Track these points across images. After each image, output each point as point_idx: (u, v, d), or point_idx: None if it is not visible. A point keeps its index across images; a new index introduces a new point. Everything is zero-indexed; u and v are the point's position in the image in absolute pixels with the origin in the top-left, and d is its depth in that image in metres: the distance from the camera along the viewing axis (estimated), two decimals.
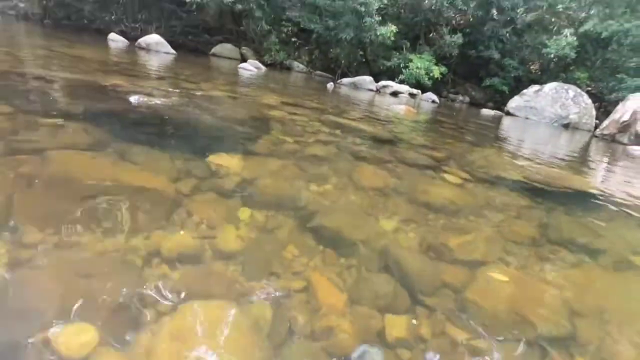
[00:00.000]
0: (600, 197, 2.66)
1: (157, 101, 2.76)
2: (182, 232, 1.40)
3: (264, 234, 1.49)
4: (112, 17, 13.55)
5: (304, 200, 1.75)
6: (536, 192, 2.48)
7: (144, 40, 9.09)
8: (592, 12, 15.93)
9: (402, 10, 15.75)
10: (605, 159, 5.96)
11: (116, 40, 9.61)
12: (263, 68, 10.46)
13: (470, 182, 2.43)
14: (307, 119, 3.44)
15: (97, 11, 13.55)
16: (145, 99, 2.72)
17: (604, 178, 3.72)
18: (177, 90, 3.55)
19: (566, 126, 12.56)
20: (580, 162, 4.72)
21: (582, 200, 2.55)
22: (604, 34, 14.25)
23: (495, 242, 1.71)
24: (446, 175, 2.44)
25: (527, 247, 1.71)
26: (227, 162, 1.93)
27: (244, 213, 1.59)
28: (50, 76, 2.95)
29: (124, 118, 2.25)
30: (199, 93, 3.61)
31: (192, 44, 13.82)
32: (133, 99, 2.67)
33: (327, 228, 1.58)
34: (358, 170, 2.26)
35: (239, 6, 12.51)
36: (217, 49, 13.48)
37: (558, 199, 2.43)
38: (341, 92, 8.55)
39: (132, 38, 10.52)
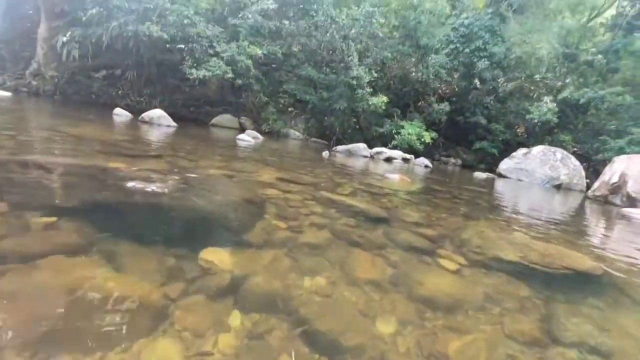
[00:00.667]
0: (603, 278, 2.59)
1: (153, 187, 2.80)
2: (166, 344, 1.33)
3: (255, 341, 1.42)
4: (119, 92, 14.42)
5: (296, 300, 1.69)
6: (536, 276, 2.42)
7: (147, 114, 9.55)
8: (567, 80, 17.19)
9: (392, 82, 16.90)
10: (602, 225, 5.96)
11: (120, 115, 10.08)
12: (260, 137, 10.87)
13: (467, 267, 2.39)
14: (302, 198, 3.47)
15: (105, 87, 14.44)
16: (142, 186, 2.76)
17: (604, 250, 3.67)
18: (174, 172, 3.63)
19: (558, 187, 12.78)
20: (577, 231, 4.71)
21: (584, 283, 2.49)
22: (582, 100, 15.20)
23: (497, 343, 1.62)
24: (442, 261, 2.41)
25: (531, 347, 1.62)
26: (218, 257, 1.90)
27: (234, 318, 1.53)
28: (50, 163, 3.02)
29: (117, 211, 2.26)
30: (195, 174, 3.69)
31: (193, 115, 14.53)
32: (129, 185, 2.71)
33: (320, 332, 1.52)
34: (352, 259, 2.22)
35: (239, 81, 13.40)
36: (217, 119, 14.15)
37: (559, 284, 2.37)
38: (336, 160, 8.80)
39: (136, 111, 11.05)
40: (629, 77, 16.60)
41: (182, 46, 13.01)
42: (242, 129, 13.51)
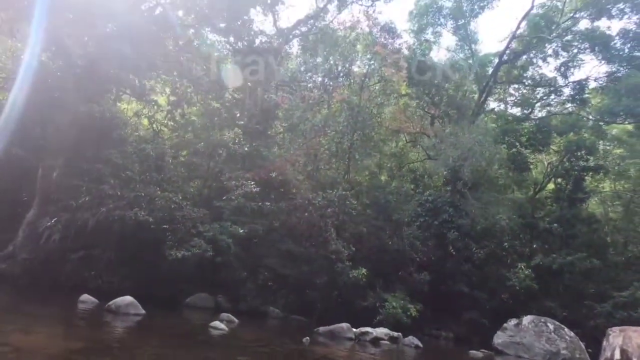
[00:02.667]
0: None
1: None
2: None
3: None
4: (92, 272, 13.92)
5: None
6: None
7: (114, 302, 8.99)
8: (534, 246, 18.20)
9: (370, 252, 17.34)
10: None
11: (86, 302, 9.52)
12: (236, 321, 10.11)
13: None
14: None
15: (78, 268, 13.98)
16: None
17: None
18: None
19: None
20: None
21: None
22: (554, 266, 15.71)
23: None
24: None
25: None
26: None
27: None
28: None
29: None
30: None
31: (167, 295, 13.76)
32: None
33: None
34: None
35: (219, 259, 13.43)
36: (192, 299, 13.50)
37: None
38: (318, 350, 8.02)
39: (107, 294, 10.35)
40: (588, 241, 17.83)
41: (166, 226, 13.49)
42: (218, 309, 12.71)
